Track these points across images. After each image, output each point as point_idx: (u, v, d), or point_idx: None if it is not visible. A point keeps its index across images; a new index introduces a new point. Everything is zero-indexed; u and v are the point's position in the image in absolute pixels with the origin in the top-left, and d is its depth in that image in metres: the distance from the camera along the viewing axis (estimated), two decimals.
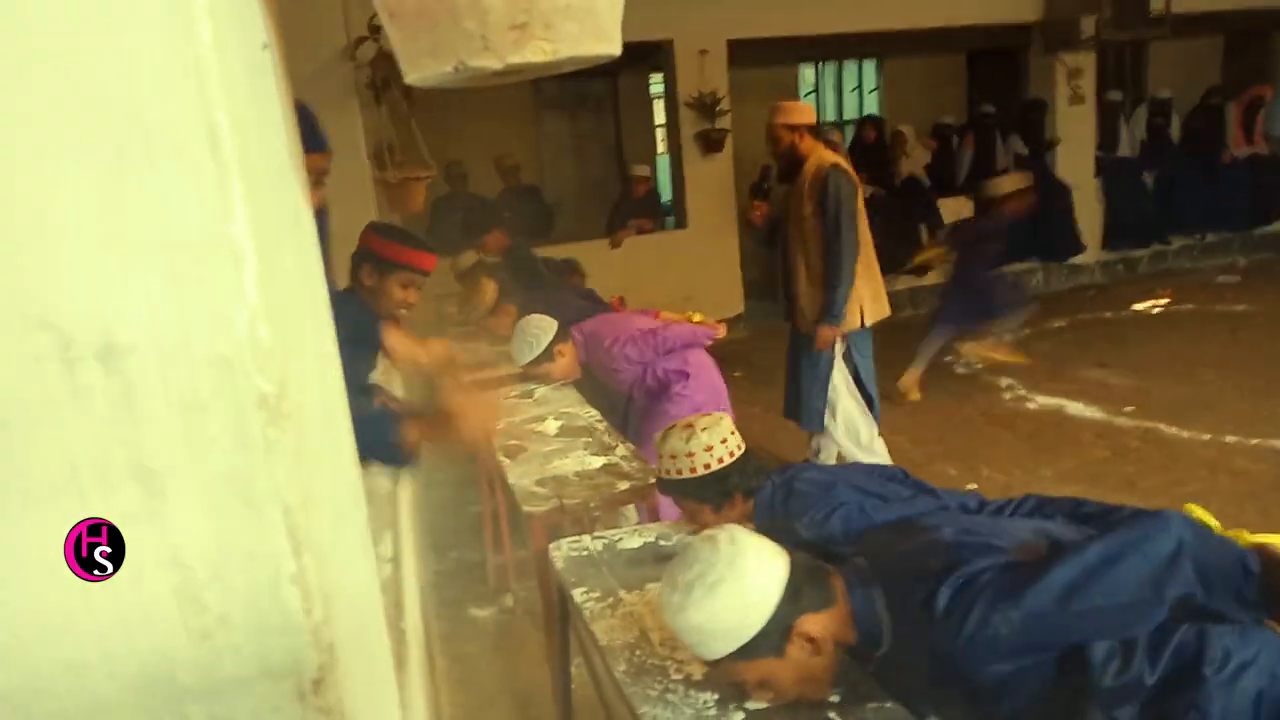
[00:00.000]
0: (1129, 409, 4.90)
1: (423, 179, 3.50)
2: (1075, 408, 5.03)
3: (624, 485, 2.05)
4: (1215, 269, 8.50)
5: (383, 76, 3.94)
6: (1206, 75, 9.90)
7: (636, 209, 7.21)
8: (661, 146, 8.95)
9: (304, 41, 3.61)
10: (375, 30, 3.73)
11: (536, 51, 0.62)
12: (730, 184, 7.33)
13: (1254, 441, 4.24)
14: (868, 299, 3.81)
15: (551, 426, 2.54)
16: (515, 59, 0.61)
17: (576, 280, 5.31)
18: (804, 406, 3.90)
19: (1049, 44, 7.89)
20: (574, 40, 0.64)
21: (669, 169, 7.88)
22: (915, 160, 7.78)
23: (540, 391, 3.00)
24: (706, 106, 6.94)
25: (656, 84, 8.26)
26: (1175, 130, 8.71)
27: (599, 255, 6.92)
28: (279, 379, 0.55)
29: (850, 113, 10.55)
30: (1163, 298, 7.45)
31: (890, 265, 5.04)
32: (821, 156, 3.70)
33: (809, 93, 10.36)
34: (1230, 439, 4.31)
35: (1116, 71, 9.50)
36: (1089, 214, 8.31)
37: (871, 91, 10.53)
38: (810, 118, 3.76)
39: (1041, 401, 5.19)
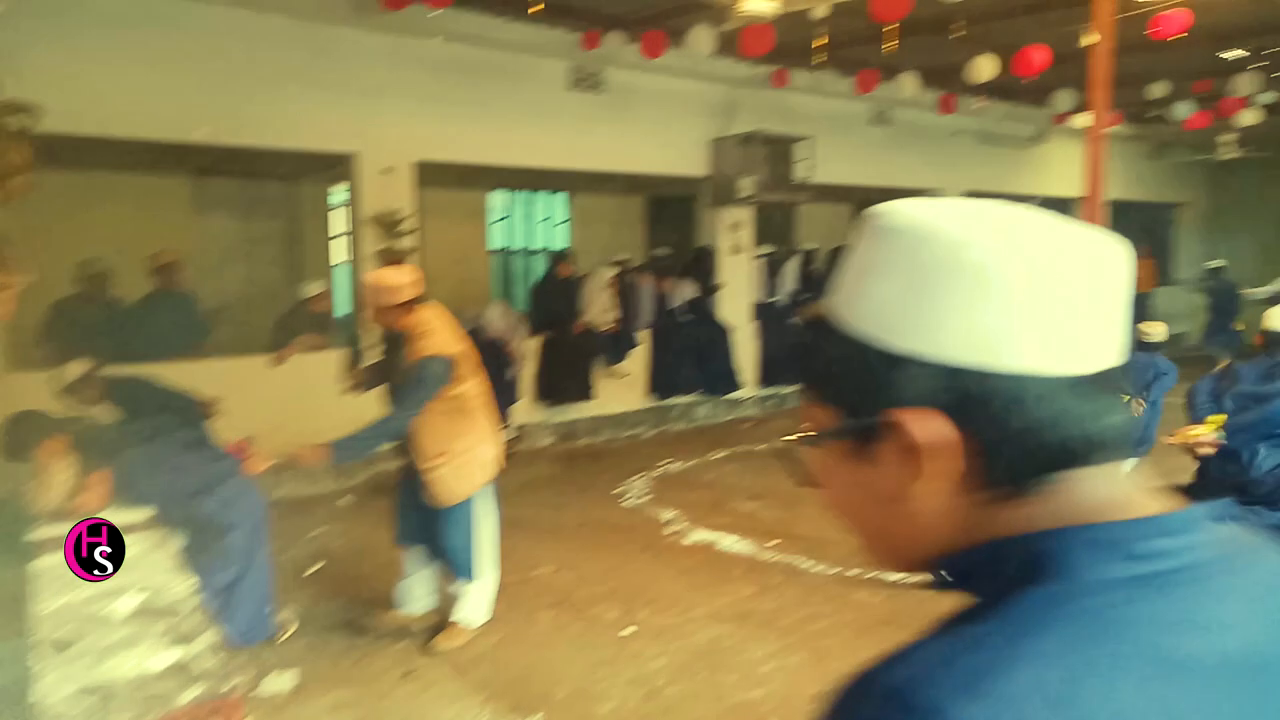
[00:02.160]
0: (774, 543, 5.25)
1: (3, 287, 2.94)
2: (728, 542, 5.30)
3: (189, 694, 1.71)
4: None
5: None
6: (839, 237, 11.52)
7: (307, 323, 6.75)
8: (341, 256, 8.57)
9: None
10: None
11: None
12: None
13: (870, 574, 4.68)
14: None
15: (126, 606, 2.11)
16: None
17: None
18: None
19: (714, 199, 8.73)
20: None
21: (349, 282, 7.52)
22: (600, 303, 8.10)
23: (132, 552, 2.53)
24: (390, 225, 6.75)
25: (337, 194, 7.97)
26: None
27: (260, 372, 6.35)
28: None
29: (539, 242, 10.90)
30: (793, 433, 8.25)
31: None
32: (426, 326, 3.67)
33: (501, 219, 10.57)
34: (853, 572, 4.73)
35: (773, 227, 10.74)
36: (748, 353, 9.13)
37: (560, 224, 10.97)
38: (414, 287, 3.71)
39: (698, 537, 5.41)
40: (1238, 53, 7.86)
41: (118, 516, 2.84)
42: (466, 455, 3.76)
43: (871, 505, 0.64)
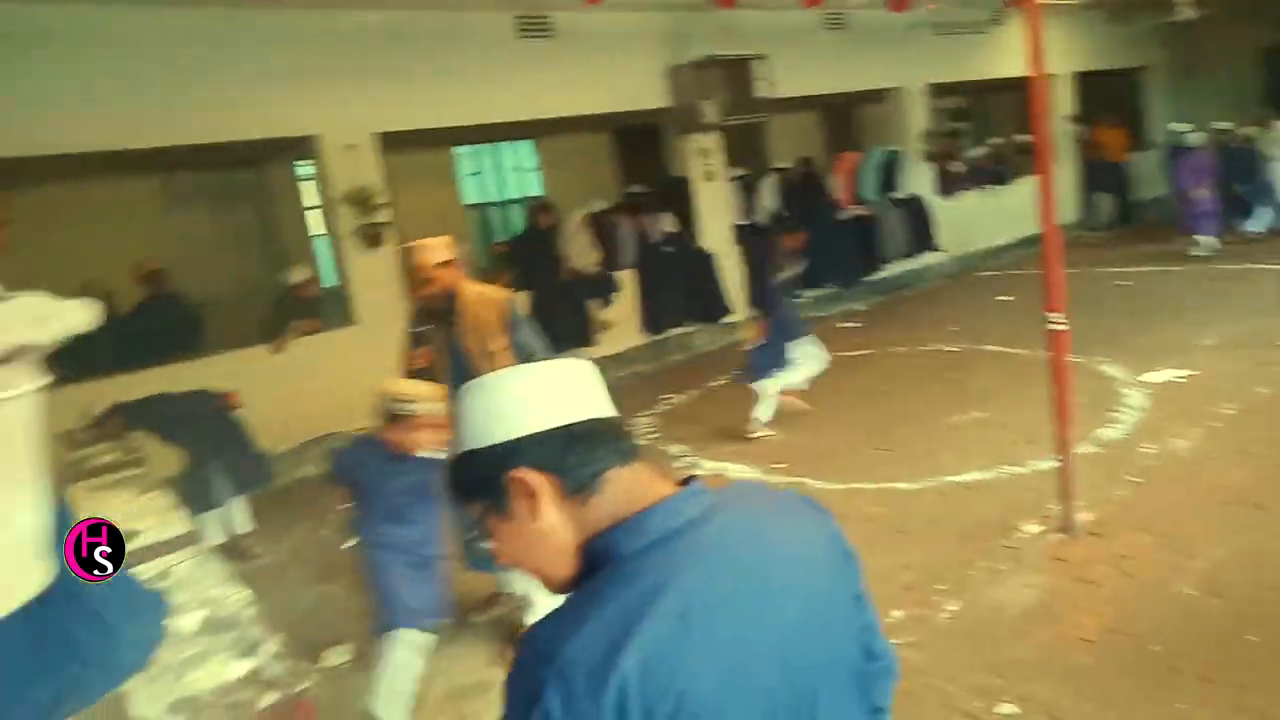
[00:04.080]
0: (781, 465, 5.45)
1: None
2: (736, 470, 5.50)
3: (269, 698, 1.89)
4: (839, 315, 9.80)
5: None
6: (811, 146, 11.50)
7: (297, 309, 6.83)
8: (317, 229, 8.57)
9: None
10: None
11: None
12: (396, 275, 7.19)
13: (875, 486, 4.89)
14: None
15: (191, 622, 2.28)
16: None
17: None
18: None
19: (679, 128, 8.71)
20: None
21: (331, 264, 7.57)
22: (579, 246, 8.16)
23: (180, 570, 2.69)
24: (362, 201, 6.77)
25: (304, 167, 7.95)
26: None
27: (262, 362, 6.46)
28: None
29: (513, 192, 10.86)
30: None
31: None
32: (480, 289, 3.69)
33: (472, 174, 10.52)
34: (858, 485, 4.94)
35: (745, 148, 10.71)
36: (733, 277, 9.23)
37: (532, 171, 10.92)
38: (453, 250, 3.70)
39: (709, 466, 5.61)
40: None
41: (166, 532, 3.00)
42: None
43: (527, 539, 1.00)
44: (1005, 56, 11.44)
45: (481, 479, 1.00)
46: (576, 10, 7.54)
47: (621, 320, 8.45)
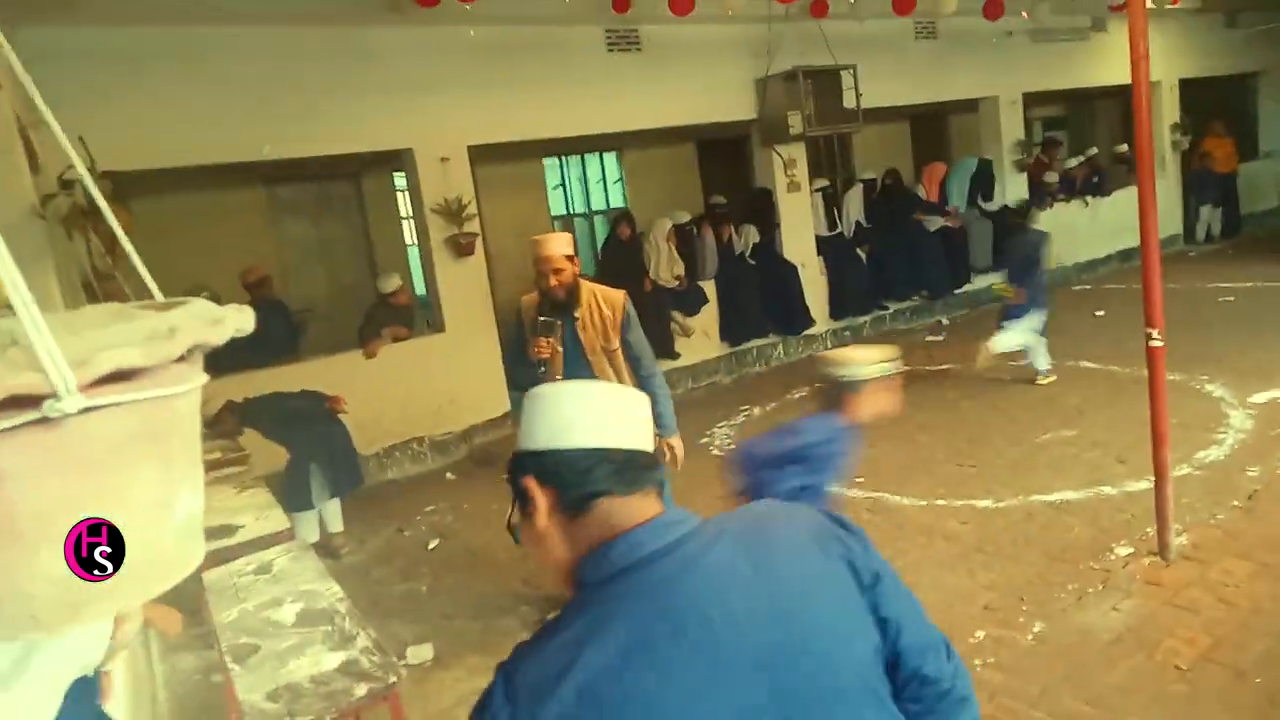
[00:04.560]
0: (860, 479, 5.39)
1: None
2: None
3: (361, 689, 1.98)
4: (924, 329, 9.61)
5: (81, 209, 3.64)
6: (899, 156, 11.32)
7: (390, 315, 7.08)
8: (410, 239, 8.86)
9: None
10: (66, 185, 3.48)
11: (95, 615, 0.63)
12: (484, 284, 7.39)
13: (959, 503, 4.80)
14: None
15: (289, 614, 2.41)
16: (72, 626, 0.62)
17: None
18: None
19: (765, 138, 8.70)
20: (137, 593, 0.66)
21: (421, 272, 7.82)
22: (663, 258, 8.24)
23: (279, 563, 2.84)
24: (453, 212, 6.99)
25: (402, 178, 8.24)
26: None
27: (355, 367, 6.72)
28: None
29: (597, 204, 11.01)
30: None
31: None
32: (599, 287, 3.81)
33: (556, 186, 10.72)
34: (940, 502, 4.86)
35: (830, 159, 10.63)
36: (816, 289, 9.16)
37: (615, 182, 11.06)
38: (572, 245, 3.84)
39: None
40: None
41: (265, 527, 3.17)
42: None
43: (535, 540, 1.09)
44: (1106, 63, 11.06)
45: (513, 477, 1.11)
46: (665, 23, 7.63)
47: (703, 331, 8.48)
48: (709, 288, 8.54)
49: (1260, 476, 4.61)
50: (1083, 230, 11.22)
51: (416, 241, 7.67)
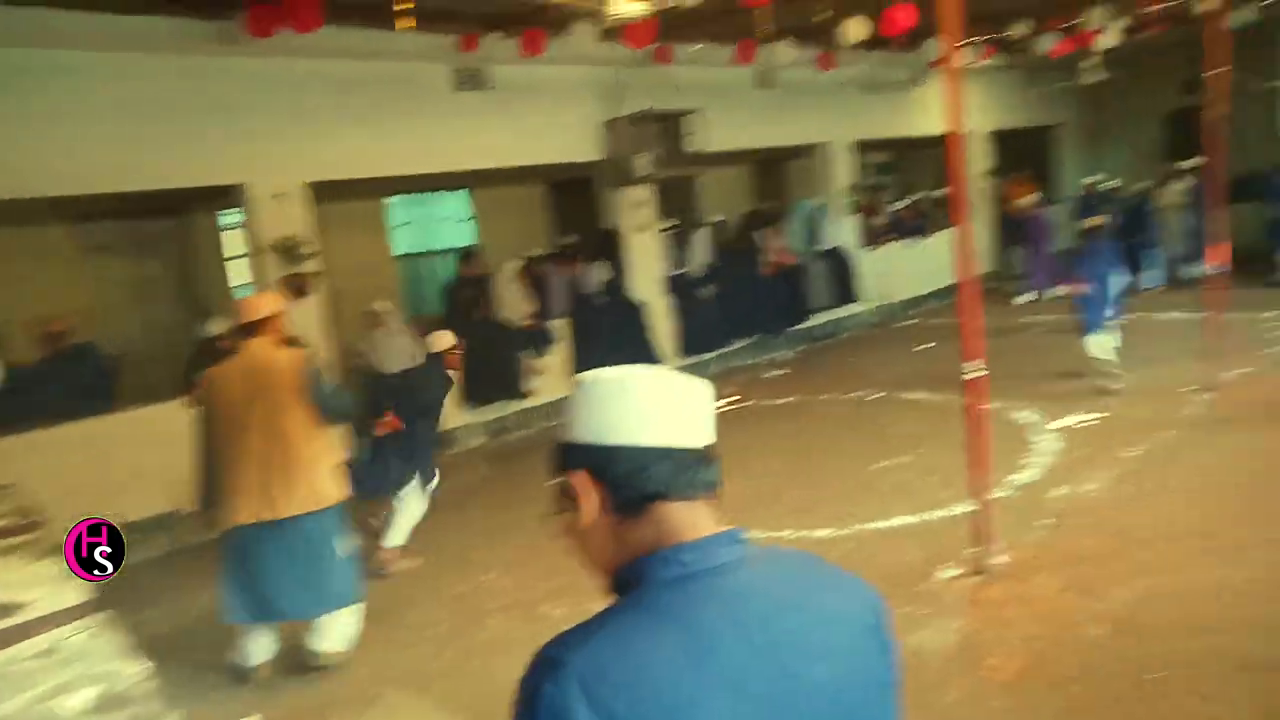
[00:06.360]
0: None
1: None
2: None
3: None
4: (766, 365, 9.95)
5: None
6: (742, 199, 11.76)
7: (216, 360, 6.64)
8: (239, 279, 8.40)
9: None
10: None
11: None
12: (322, 325, 7.08)
13: (800, 534, 4.95)
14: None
15: (80, 700, 2.16)
16: None
17: None
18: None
19: (613, 180, 8.83)
20: None
21: None
22: (511, 296, 8.17)
23: (73, 642, 2.55)
24: (289, 251, 6.68)
25: (229, 216, 7.81)
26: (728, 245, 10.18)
27: (176, 416, 6.25)
28: None
29: (447, 242, 10.84)
30: (728, 397, 8.51)
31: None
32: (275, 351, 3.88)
33: (402, 225, 10.49)
34: (785, 533, 4.99)
35: (677, 200, 10.89)
36: (665, 327, 9.32)
37: (465, 221, 10.93)
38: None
39: None
40: None
41: (58, 602, 2.85)
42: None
43: (578, 536, 1.05)
44: (927, 114, 11.92)
45: (561, 468, 1.06)
46: (515, 63, 7.63)
47: (553, 371, 8.45)
48: (561, 327, 8.53)
49: (1067, 495, 5.00)
50: (908, 268, 11.97)
51: (252, 281, 7.28)
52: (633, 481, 1.00)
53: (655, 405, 1.02)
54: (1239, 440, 5.61)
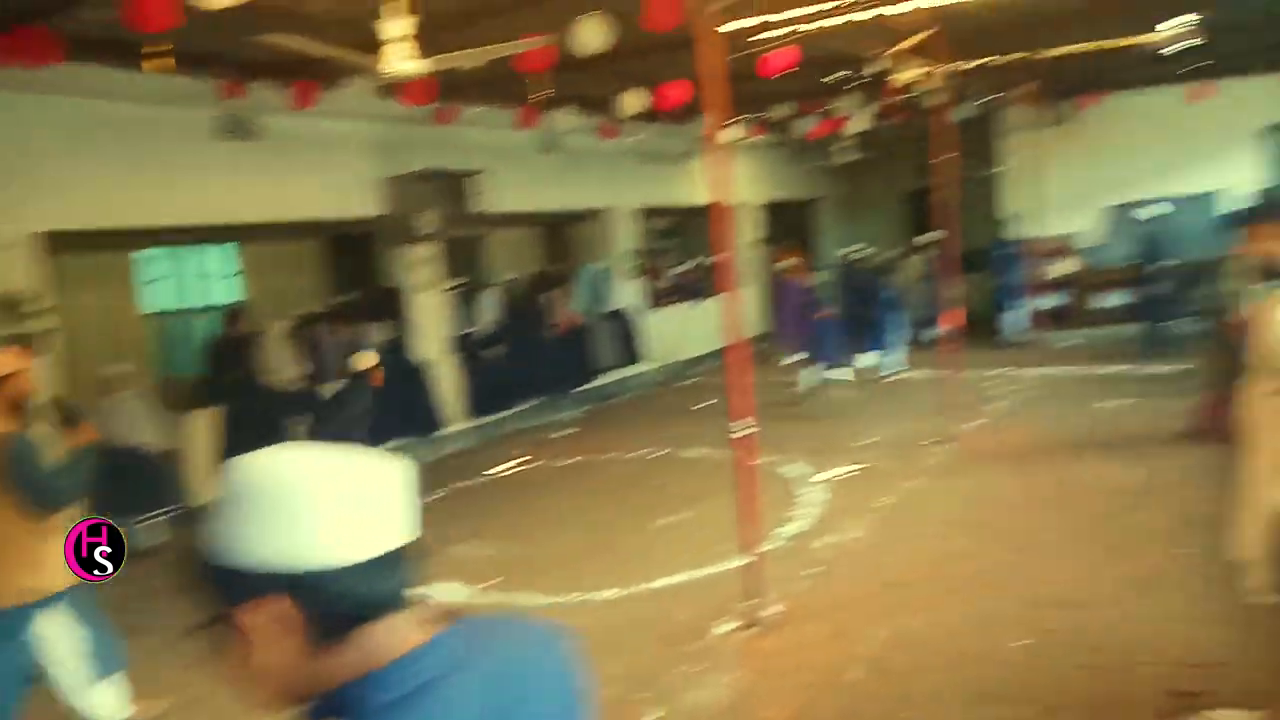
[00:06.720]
0: (496, 580, 5.32)
1: None
2: (448, 588, 5.28)
3: None
4: (554, 425, 9.97)
5: None
6: (530, 260, 11.84)
7: None
8: None
9: None
10: None
11: None
12: (58, 387, 6.30)
13: (585, 596, 4.93)
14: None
15: None
16: None
17: None
18: None
19: (394, 238, 8.61)
20: None
21: None
22: (280, 358, 7.68)
23: None
24: (12, 307, 5.93)
25: None
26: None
27: None
28: None
29: (211, 298, 10.08)
30: (516, 458, 8.42)
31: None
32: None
33: (158, 279, 9.65)
34: (572, 595, 4.95)
35: (463, 259, 10.77)
36: (450, 387, 9.11)
37: (232, 276, 10.23)
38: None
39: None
40: (839, 75, 9.13)
41: None
42: None
43: (254, 669, 0.89)
44: (701, 185, 12.60)
45: (226, 594, 0.87)
46: (286, 114, 7.27)
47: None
48: (330, 390, 8.10)
49: (833, 543, 5.32)
50: (689, 329, 12.50)
51: None
52: (334, 607, 0.86)
53: (351, 509, 0.87)
54: (976, 483, 6.26)
